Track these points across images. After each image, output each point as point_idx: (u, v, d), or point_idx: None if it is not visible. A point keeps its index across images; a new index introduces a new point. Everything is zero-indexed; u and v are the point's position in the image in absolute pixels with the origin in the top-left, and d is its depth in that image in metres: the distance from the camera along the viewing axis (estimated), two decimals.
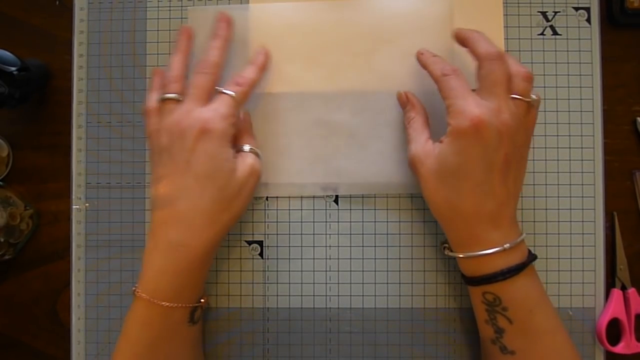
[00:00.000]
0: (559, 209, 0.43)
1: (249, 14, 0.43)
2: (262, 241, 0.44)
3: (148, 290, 0.36)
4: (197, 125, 0.36)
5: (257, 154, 0.40)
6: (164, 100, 0.38)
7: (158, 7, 0.45)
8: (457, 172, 0.35)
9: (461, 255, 0.37)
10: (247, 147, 0.39)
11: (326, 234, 0.44)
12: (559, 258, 0.43)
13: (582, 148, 0.43)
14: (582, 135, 0.43)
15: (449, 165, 0.35)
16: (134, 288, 0.36)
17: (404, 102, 0.41)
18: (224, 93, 0.38)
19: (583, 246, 0.43)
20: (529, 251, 0.37)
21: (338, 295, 0.43)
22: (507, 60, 0.36)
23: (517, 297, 0.36)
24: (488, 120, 0.34)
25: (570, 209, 0.43)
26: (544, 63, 0.43)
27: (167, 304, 0.36)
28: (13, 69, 0.40)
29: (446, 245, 0.40)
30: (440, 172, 0.36)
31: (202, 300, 0.39)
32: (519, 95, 0.35)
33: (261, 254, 0.44)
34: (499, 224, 0.36)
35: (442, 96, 0.36)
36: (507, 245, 0.35)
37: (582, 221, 0.43)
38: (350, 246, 0.43)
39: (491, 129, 0.34)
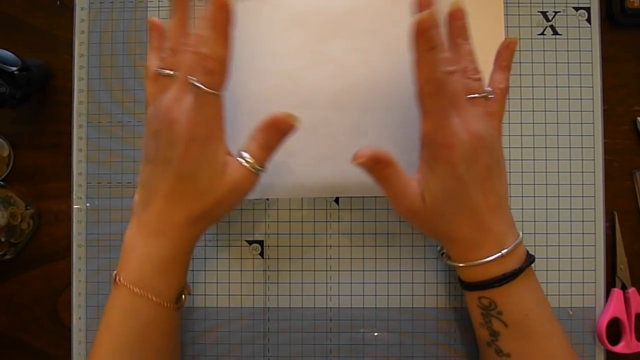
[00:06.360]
0: (559, 209, 0.43)
1: (251, 5, 0.41)
2: (262, 241, 0.44)
3: (132, 278, 0.35)
4: (185, 126, 0.33)
5: (253, 169, 0.35)
6: (160, 74, 0.36)
7: (158, 7, 0.45)
8: (446, 200, 0.34)
9: (461, 265, 0.36)
10: (245, 157, 0.35)
11: (327, 234, 0.44)
12: (559, 258, 0.43)
13: (582, 148, 0.43)
14: (582, 135, 0.43)
15: (437, 197, 0.34)
16: (114, 273, 0.36)
17: (373, 165, 0.34)
18: (206, 92, 0.33)
19: (583, 246, 0.43)
20: (527, 253, 0.36)
21: (339, 295, 0.43)
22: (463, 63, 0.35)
23: (512, 301, 0.35)
24: (459, 144, 0.33)
25: (571, 208, 0.43)
26: (544, 63, 0.43)
27: (151, 293, 0.35)
28: (14, 68, 0.40)
29: (444, 252, 0.40)
30: (432, 208, 0.34)
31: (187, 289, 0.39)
32: (474, 94, 0.35)
33: (262, 254, 0.44)
34: (496, 230, 0.35)
35: (420, 113, 0.34)
36: (504, 251, 0.35)
37: (583, 221, 0.43)
38: (351, 246, 0.43)
39: (463, 150, 0.33)
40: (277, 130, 0.35)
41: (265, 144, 0.35)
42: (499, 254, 0.35)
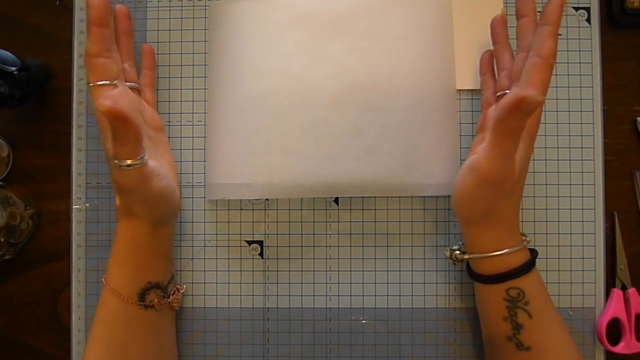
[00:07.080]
0: (559, 209, 0.43)
1: (251, 5, 0.41)
2: (262, 241, 0.44)
3: (106, 272, 0.39)
4: None
5: (121, 166, 0.33)
6: None
7: (158, 7, 0.45)
8: (523, 172, 0.36)
9: (497, 253, 0.36)
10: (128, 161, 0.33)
11: (326, 234, 0.44)
12: (559, 258, 0.43)
13: (582, 148, 0.43)
14: (582, 135, 0.43)
15: (522, 169, 0.36)
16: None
17: (536, 108, 0.30)
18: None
19: (583, 246, 0.43)
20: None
21: (338, 295, 0.43)
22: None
23: (537, 289, 0.37)
24: None
25: (570, 208, 0.43)
26: None
27: (112, 285, 0.38)
28: (13, 69, 0.40)
29: (457, 252, 0.40)
30: (516, 180, 0.35)
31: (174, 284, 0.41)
32: None
33: (261, 254, 0.44)
34: (518, 218, 0.38)
35: (524, 78, 0.34)
36: (529, 238, 0.37)
37: (582, 221, 0.43)
38: (351, 246, 0.43)
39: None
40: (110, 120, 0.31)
41: (114, 137, 0.32)
42: (526, 241, 0.37)
